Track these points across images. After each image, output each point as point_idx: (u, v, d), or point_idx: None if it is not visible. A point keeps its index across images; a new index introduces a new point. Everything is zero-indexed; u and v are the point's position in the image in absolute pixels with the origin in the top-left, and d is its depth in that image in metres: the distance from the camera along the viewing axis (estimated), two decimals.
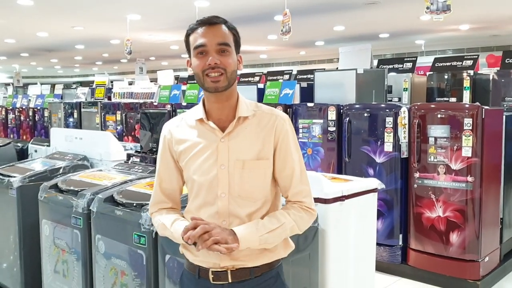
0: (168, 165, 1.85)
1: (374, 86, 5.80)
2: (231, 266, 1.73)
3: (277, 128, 1.76)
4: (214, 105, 1.76)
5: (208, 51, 1.69)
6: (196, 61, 1.72)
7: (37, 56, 19.46)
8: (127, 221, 2.63)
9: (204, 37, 1.70)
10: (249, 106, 1.79)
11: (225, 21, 1.75)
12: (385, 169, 4.63)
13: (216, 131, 1.74)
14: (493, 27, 11.98)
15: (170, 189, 1.87)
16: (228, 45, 1.71)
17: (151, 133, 3.89)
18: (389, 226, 4.63)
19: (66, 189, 3.16)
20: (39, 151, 4.90)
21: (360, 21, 11.15)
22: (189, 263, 1.83)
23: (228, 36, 1.72)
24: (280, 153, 1.76)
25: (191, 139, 1.78)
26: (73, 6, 9.66)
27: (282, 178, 1.78)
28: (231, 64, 1.71)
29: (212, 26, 1.71)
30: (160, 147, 1.87)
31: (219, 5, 9.34)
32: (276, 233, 1.71)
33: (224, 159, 1.72)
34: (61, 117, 9.11)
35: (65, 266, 3.11)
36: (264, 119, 1.77)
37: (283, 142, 1.76)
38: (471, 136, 4.10)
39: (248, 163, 1.72)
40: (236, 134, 1.74)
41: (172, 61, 21.33)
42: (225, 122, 1.76)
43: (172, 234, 1.76)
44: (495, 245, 4.48)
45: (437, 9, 5.35)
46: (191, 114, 1.83)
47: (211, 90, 1.71)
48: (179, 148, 1.80)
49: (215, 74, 1.68)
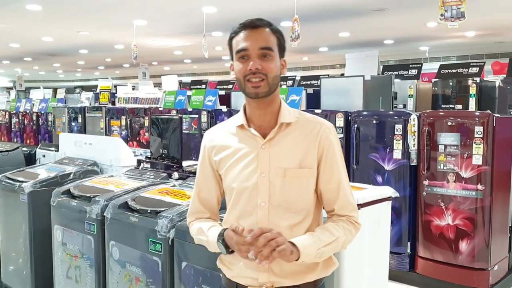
0: (207, 175, 1.82)
1: (381, 93, 5.81)
2: (270, 284, 1.67)
3: (322, 137, 1.70)
4: (255, 111, 1.72)
5: (250, 55, 1.64)
6: (238, 66, 1.67)
7: (40, 61, 19.50)
8: (142, 228, 2.62)
9: (246, 41, 1.65)
10: (292, 113, 1.74)
11: (269, 24, 1.69)
12: (393, 177, 4.62)
13: (257, 138, 1.70)
14: (498, 34, 12.00)
15: (208, 199, 1.84)
16: (270, 49, 1.66)
17: (161, 139, 3.88)
18: (397, 233, 4.62)
19: (78, 194, 3.16)
20: (47, 156, 4.89)
21: (366, 27, 11.18)
22: (226, 278, 1.79)
23: (271, 40, 1.67)
24: (325, 164, 1.70)
25: (231, 146, 1.74)
26: (80, 11, 9.70)
27: (327, 190, 1.71)
28: (273, 69, 1.65)
29: (254, 29, 1.66)
30: (200, 156, 1.84)
31: (227, 11, 9.37)
32: (331, 247, 1.65)
33: (264, 166, 1.67)
34: (65, 121, 9.12)
35: (77, 271, 3.11)
36: (308, 126, 1.71)
37: (328, 153, 1.70)
38: (482, 144, 4.10)
39: (289, 172, 1.66)
40: (278, 141, 1.69)
41: (174, 66, 21.36)
42: (266, 128, 1.71)
43: (208, 239, 1.73)
44: (504, 253, 4.47)
45: (451, 16, 5.34)
46: (232, 120, 1.79)
47: (252, 96, 1.67)
48: (219, 156, 1.76)
49: (256, 80, 1.64)
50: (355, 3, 8.78)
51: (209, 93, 7.23)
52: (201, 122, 6.71)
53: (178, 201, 2.73)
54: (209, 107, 6.90)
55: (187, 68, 21.95)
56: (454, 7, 5.34)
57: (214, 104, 6.94)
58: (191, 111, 6.94)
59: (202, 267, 2.37)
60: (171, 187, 3.04)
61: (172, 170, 3.49)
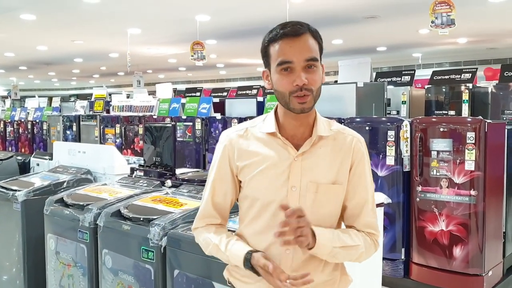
0: (225, 178, 1.67)
1: (374, 99, 5.83)
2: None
3: (354, 151, 1.62)
4: (291, 121, 1.60)
5: (294, 68, 1.51)
6: (280, 79, 1.53)
7: (35, 69, 19.51)
8: (135, 236, 2.62)
9: (289, 52, 1.50)
10: (326, 125, 1.63)
11: (309, 27, 1.55)
12: (387, 183, 4.64)
13: (289, 148, 1.58)
14: (491, 41, 12.09)
15: (222, 204, 1.70)
16: (316, 60, 1.53)
17: (154, 147, 3.89)
18: (391, 240, 4.63)
19: (72, 203, 3.16)
20: (41, 165, 4.89)
21: (359, 34, 11.25)
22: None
23: (315, 48, 1.54)
24: (353, 178, 1.62)
25: (259, 153, 1.60)
26: (74, 21, 9.73)
27: (352, 205, 1.63)
28: (318, 81, 1.54)
29: (297, 37, 1.51)
30: (217, 157, 1.69)
31: (220, 19, 9.41)
32: (349, 252, 1.58)
33: (296, 180, 1.56)
34: (60, 130, 9.11)
35: (70, 280, 3.10)
36: (341, 139, 1.63)
37: (358, 167, 1.62)
38: (474, 150, 4.12)
39: (322, 187, 1.57)
40: (311, 154, 1.58)
41: (169, 74, 21.41)
42: (299, 139, 1.60)
43: (228, 258, 1.62)
44: (499, 259, 4.48)
45: (442, 23, 5.40)
46: (259, 125, 1.65)
47: (297, 112, 1.54)
48: (243, 162, 1.62)
49: (302, 95, 1.51)
50: (347, 11, 8.83)
51: (203, 100, 7.25)
52: (195, 130, 6.72)
53: (170, 209, 2.73)
54: (203, 115, 6.91)
55: (181, 76, 22.00)
56: (444, 14, 5.39)
57: (208, 112, 6.95)
58: (185, 118, 6.95)
59: (195, 275, 2.37)
60: (164, 195, 3.05)
61: (165, 178, 3.49)
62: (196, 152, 6.77)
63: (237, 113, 6.80)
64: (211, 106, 7.00)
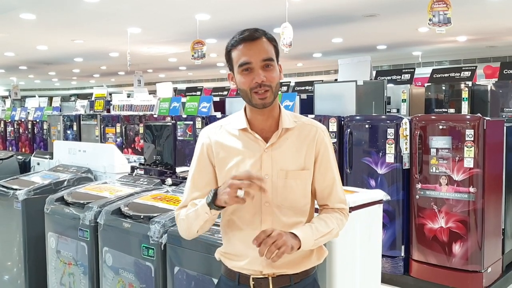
0: (205, 171, 1.84)
1: (373, 98, 5.84)
2: (272, 273, 1.77)
3: (318, 140, 1.82)
4: (257, 116, 1.80)
5: (253, 68, 1.71)
6: (242, 79, 1.74)
7: (35, 69, 19.51)
8: (135, 234, 2.64)
9: (247, 54, 1.71)
10: (291, 117, 1.83)
11: (264, 33, 1.76)
12: (386, 180, 4.65)
13: (260, 141, 1.78)
14: (490, 39, 12.09)
15: (202, 196, 1.83)
16: (272, 60, 1.73)
17: (155, 145, 3.90)
18: (391, 237, 4.65)
19: (72, 201, 3.17)
20: (41, 164, 4.90)
21: (359, 33, 11.24)
22: (227, 269, 1.85)
23: (270, 50, 1.74)
24: (321, 164, 1.82)
25: (233, 148, 1.80)
26: (74, 20, 9.73)
27: (322, 187, 1.84)
28: (275, 78, 1.74)
29: (254, 41, 1.72)
30: (197, 153, 1.87)
31: (220, 18, 9.42)
32: (326, 237, 1.79)
33: (268, 169, 1.76)
34: (61, 129, 9.12)
35: (71, 278, 3.12)
36: (305, 130, 1.82)
37: (324, 154, 1.83)
38: (473, 147, 4.14)
39: (291, 173, 1.77)
40: (279, 145, 1.78)
41: (169, 73, 21.41)
42: (267, 132, 1.79)
43: (197, 209, 1.74)
44: (498, 255, 4.50)
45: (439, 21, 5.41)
46: (231, 122, 1.85)
47: (259, 107, 1.74)
48: (220, 155, 1.81)
49: (262, 91, 1.71)
50: (346, 9, 8.83)
51: (204, 99, 7.26)
52: (195, 129, 6.73)
53: (170, 206, 2.75)
54: (204, 114, 6.92)
55: (182, 75, 22.00)
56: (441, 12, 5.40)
57: (208, 111, 6.96)
58: (186, 117, 6.96)
59: (195, 272, 2.39)
60: (164, 193, 3.06)
61: (165, 176, 3.51)
62: None
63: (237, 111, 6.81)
64: (211, 105, 7.01)
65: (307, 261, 1.83)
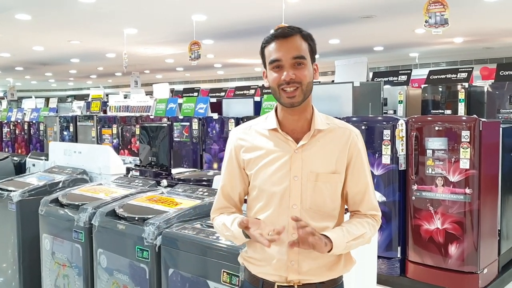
0: (234, 173, 1.82)
1: (370, 99, 5.83)
2: (297, 281, 1.72)
3: (351, 144, 1.76)
4: (288, 116, 1.75)
5: (283, 65, 1.68)
6: (272, 75, 1.70)
7: (32, 70, 19.47)
8: (130, 235, 2.63)
9: (278, 51, 1.68)
10: (324, 119, 1.79)
11: (299, 31, 1.72)
12: (383, 182, 4.65)
13: (290, 142, 1.73)
14: (487, 40, 12.11)
15: (233, 196, 1.85)
16: (303, 58, 1.69)
17: (150, 146, 3.89)
18: (387, 238, 4.64)
19: (67, 203, 3.16)
20: (37, 165, 4.88)
21: (355, 34, 11.25)
22: (251, 275, 1.80)
23: (303, 48, 1.70)
24: (353, 168, 1.77)
25: (263, 148, 1.76)
26: (70, 21, 9.70)
27: (354, 192, 1.78)
28: (306, 76, 1.69)
29: (286, 39, 1.69)
30: (226, 154, 1.86)
31: (216, 18, 9.41)
32: (358, 241, 1.72)
33: (297, 170, 1.71)
34: (57, 130, 9.10)
35: (66, 280, 3.10)
36: (338, 133, 1.77)
37: (357, 158, 1.77)
38: (469, 149, 4.14)
39: (321, 176, 1.72)
40: (310, 146, 1.73)
41: (166, 74, 21.39)
42: (299, 133, 1.75)
43: (233, 234, 1.74)
44: (494, 256, 4.50)
45: (435, 22, 5.41)
46: (261, 122, 1.82)
47: (287, 106, 1.70)
48: (248, 156, 1.78)
49: (291, 89, 1.67)
50: (343, 11, 8.84)
51: (200, 100, 7.25)
52: (192, 130, 6.72)
53: (165, 208, 2.74)
54: (201, 115, 6.91)
55: (179, 76, 21.98)
56: (438, 13, 5.40)
57: (205, 112, 6.95)
58: (182, 118, 6.95)
59: (189, 274, 2.37)
60: (159, 194, 3.05)
61: (161, 177, 3.50)
62: (193, 152, 6.77)
63: (234, 113, 6.80)
64: (208, 106, 7.00)
65: (334, 269, 1.77)
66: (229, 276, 2.19)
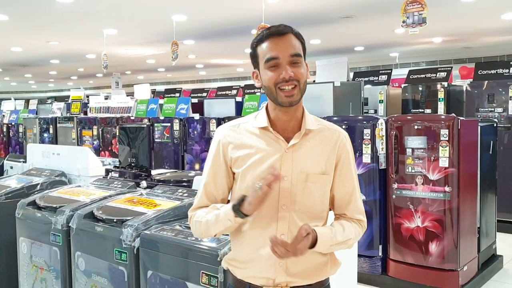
0: (219, 170, 1.76)
1: (351, 99, 5.86)
2: (285, 283, 1.69)
3: (340, 145, 1.75)
4: (281, 116, 1.71)
5: (281, 63, 1.63)
6: (267, 74, 1.65)
7: (11, 71, 19.19)
8: (108, 237, 2.60)
9: (275, 49, 1.64)
10: (314, 120, 1.77)
11: (292, 29, 1.69)
12: (363, 180, 4.66)
13: (281, 141, 1.69)
14: (465, 40, 12.24)
15: (216, 195, 1.78)
16: (300, 56, 1.66)
17: (130, 147, 3.85)
18: (368, 237, 4.66)
19: (44, 205, 3.11)
20: (15, 168, 4.81)
21: (336, 34, 11.29)
22: (236, 280, 1.75)
23: (298, 46, 1.67)
24: (341, 170, 1.75)
25: (252, 146, 1.71)
26: (48, 21, 9.58)
27: (340, 195, 1.77)
28: (303, 74, 1.66)
29: (281, 36, 1.65)
30: (212, 152, 1.78)
31: (197, 19, 9.37)
32: (341, 246, 1.71)
33: (287, 170, 1.68)
34: (37, 132, 8.99)
35: (43, 284, 3.05)
36: (327, 134, 1.75)
37: (345, 160, 1.75)
38: (448, 147, 4.17)
39: (311, 177, 1.69)
40: (300, 147, 1.70)
41: (148, 75, 21.25)
42: (289, 133, 1.71)
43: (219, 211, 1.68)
44: (473, 254, 4.54)
45: (413, 22, 5.45)
46: (251, 120, 1.77)
47: (286, 105, 1.66)
48: (236, 154, 1.72)
49: (289, 88, 1.63)
50: (322, 11, 8.86)
51: (181, 101, 7.22)
52: (173, 131, 6.69)
53: (144, 209, 2.71)
54: (182, 115, 6.88)
55: (161, 76, 21.85)
56: (416, 13, 5.44)
57: (186, 112, 6.93)
58: (163, 119, 6.91)
59: (168, 276, 2.35)
60: (138, 196, 3.02)
61: (140, 179, 3.47)
62: (174, 152, 6.74)
63: (215, 113, 6.79)
64: (189, 106, 6.98)
65: (322, 270, 1.75)
66: (208, 278, 2.17)
